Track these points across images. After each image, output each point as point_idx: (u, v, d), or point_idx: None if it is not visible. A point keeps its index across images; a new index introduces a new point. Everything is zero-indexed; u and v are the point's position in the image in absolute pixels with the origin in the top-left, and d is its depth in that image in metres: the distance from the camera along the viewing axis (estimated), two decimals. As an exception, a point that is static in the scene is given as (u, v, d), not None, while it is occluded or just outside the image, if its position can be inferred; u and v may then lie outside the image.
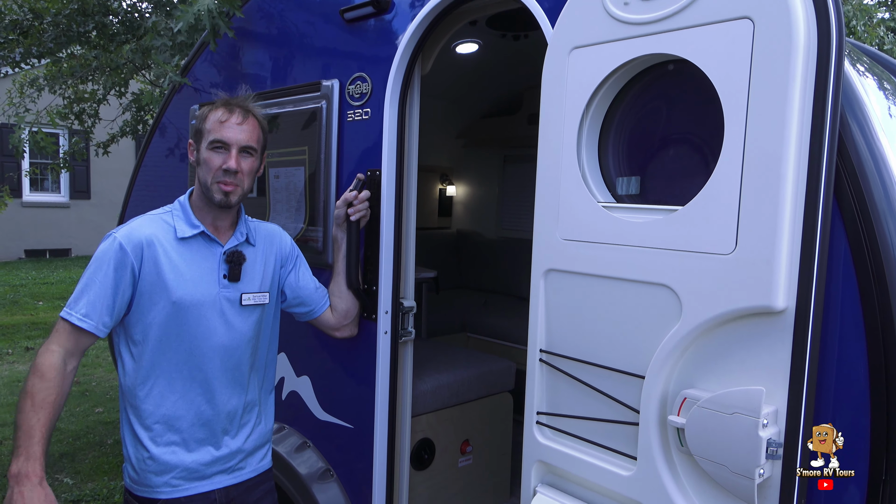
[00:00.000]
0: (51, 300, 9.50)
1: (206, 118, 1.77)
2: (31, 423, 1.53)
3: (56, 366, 1.60)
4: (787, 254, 1.22)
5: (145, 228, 1.72)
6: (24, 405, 1.55)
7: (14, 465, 1.51)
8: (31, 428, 1.53)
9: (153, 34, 3.44)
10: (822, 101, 1.19)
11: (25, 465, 1.51)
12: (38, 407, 1.55)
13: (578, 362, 1.56)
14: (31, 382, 1.57)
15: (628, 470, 1.46)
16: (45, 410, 1.55)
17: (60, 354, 1.62)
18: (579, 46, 1.54)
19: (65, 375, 1.61)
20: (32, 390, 1.56)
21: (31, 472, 1.51)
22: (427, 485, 2.66)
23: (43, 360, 1.59)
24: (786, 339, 1.23)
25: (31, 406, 1.55)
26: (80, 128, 5.89)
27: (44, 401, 1.56)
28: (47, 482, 1.56)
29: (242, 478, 1.86)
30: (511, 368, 3.02)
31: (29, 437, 1.52)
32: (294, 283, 1.98)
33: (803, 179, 1.21)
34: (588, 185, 1.54)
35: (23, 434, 1.53)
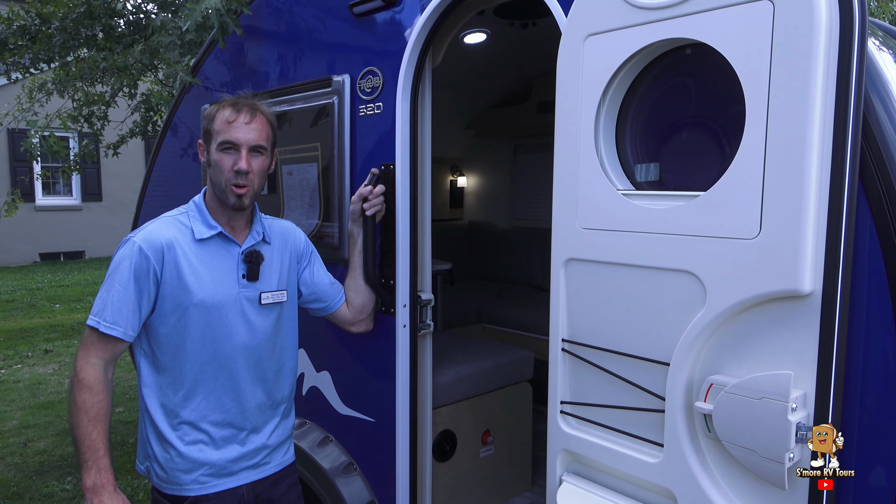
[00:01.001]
0: (67, 302, 9.60)
1: (213, 118, 1.75)
2: (94, 438, 1.61)
3: (101, 378, 1.66)
4: (813, 237, 1.21)
5: (164, 231, 1.72)
6: (81, 421, 1.62)
7: (87, 478, 1.60)
8: (94, 441, 1.61)
9: (161, 33, 3.44)
10: (845, 81, 1.18)
11: (98, 476, 1.61)
12: (95, 420, 1.62)
13: (602, 351, 1.56)
14: (82, 398, 1.62)
15: (655, 457, 1.46)
16: (102, 423, 1.63)
17: (101, 366, 1.66)
18: (595, 33, 1.53)
19: (109, 385, 1.68)
20: (85, 406, 1.62)
21: (105, 482, 1.61)
22: (449, 476, 2.67)
23: (87, 374, 1.64)
24: (813, 323, 1.22)
25: (89, 421, 1.62)
26: (90, 130, 5.92)
27: (98, 413, 1.63)
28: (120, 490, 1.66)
29: (268, 472, 1.88)
30: (529, 358, 3.03)
31: (94, 450, 1.61)
32: (309, 280, 1.99)
33: (828, 161, 1.20)
34: (607, 174, 1.53)
35: (87, 448, 1.61)
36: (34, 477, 4.09)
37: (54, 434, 4.79)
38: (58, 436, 4.75)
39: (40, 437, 4.75)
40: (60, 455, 4.42)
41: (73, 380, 1.66)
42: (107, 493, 1.61)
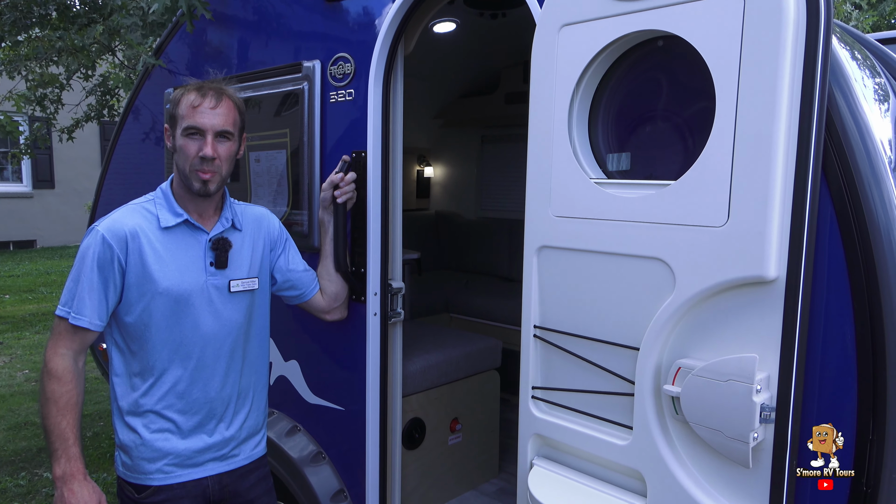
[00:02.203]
0: (18, 293, 9.25)
1: (178, 102, 1.71)
2: (63, 427, 1.61)
3: (70, 368, 1.65)
4: (778, 225, 1.25)
5: (128, 220, 1.69)
6: (50, 411, 1.62)
7: (57, 467, 1.60)
8: (63, 431, 1.61)
9: (122, 13, 3.33)
10: (811, 75, 1.22)
11: (68, 465, 1.61)
12: (64, 410, 1.62)
13: (573, 337, 1.59)
14: (51, 388, 1.63)
15: (624, 439, 1.49)
16: (71, 412, 1.63)
17: (70, 356, 1.66)
18: (569, 24, 1.55)
19: (79, 374, 1.68)
20: (54, 395, 1.62)
21: (75, 471, 1.61)
22: (418, 463, 2.69)
23: (56, 364, 1.64)
24: (777, 308, 1.27)
25: (58, 410, 1.62)
26: (42, 114, 5.70)
27: (67, 403, 1.63)
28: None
29: (236, 465, 1.85)
30: (497, 347, 3.06)
31: (63, 440, 1.61)
32: (284, 267, 1.97)
33: (793, 153, 1.24)
34: (580, 162, 1.56)
35: (56, 438, 1.61)
36: (-15, 472, 3.95)
37: (6, 428, 4.62)
38: (9, 430, 4.59)
39: (-9, 431, 4.58)
40: (13, 450, 4.28)
41: (42, 370, 1.66)
42: (76, 482, 1.61)
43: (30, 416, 4.83)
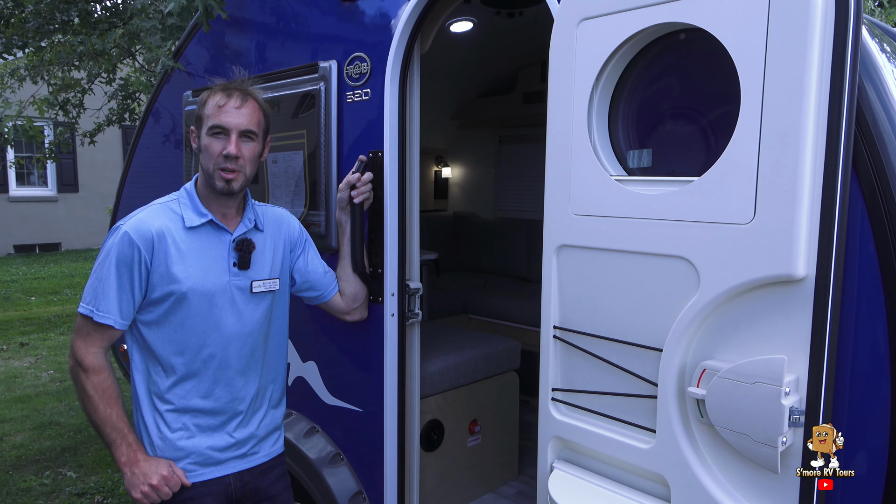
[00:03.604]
0: (43, 295, 9.41)
1: (205, 103, 1.74)
2: (114, 418, 1.67)
3: (105, 364, 1.70)
4: (807, 222, 1.21)
5: (154, 219, 1.70)
6: (97, 405, 1.66)
7: (120, 455, 1.68)
8: (116, 422, 1.67)
9: (142, 17, 3.36)
10: (840, 66, 1.18)
11: (130, 451, 1.68)
12: (111, 401, 1.68)
13: (593, 337, 1.56)
14: (93, 382, 1.67)
15: (647, 443, 1.46)
16: (117, 402, 1.69)
17: (101, 354, 1.70)
18: (588, 18, 1.52)
19: (111, 368, 1.72)
20: (99, 389, 1.67)
21: (138, 453, 1.69)
22: (437, 465, 2.67)
23: (92, 361, 1.67)
24: (806, 307, 1.23)
25: (105, 403, 1.67)
26: (65, 118, 5.79)
27: (112, 394, 1.68)
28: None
29: (256, 462, 1.86)
30: (516, 348, 3.03)
31: (118, 429, 1.68)
32: (303, 268, 1.96)
33: (822, 147, 1.20)
34: (600, 159, 1.53)
35: (112, 429, 1.67)
36: (11, 472, 4.01)
37: (31, 428, 4.69)
38: (35, 430, 4.66)
39: (17, 430, 4.65)
40: (38, 449, 4.34)
41: (76, 369, 1.68)
42: (142, 462, 1.68)
43: (54, 417, 4.90)
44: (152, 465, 1.68)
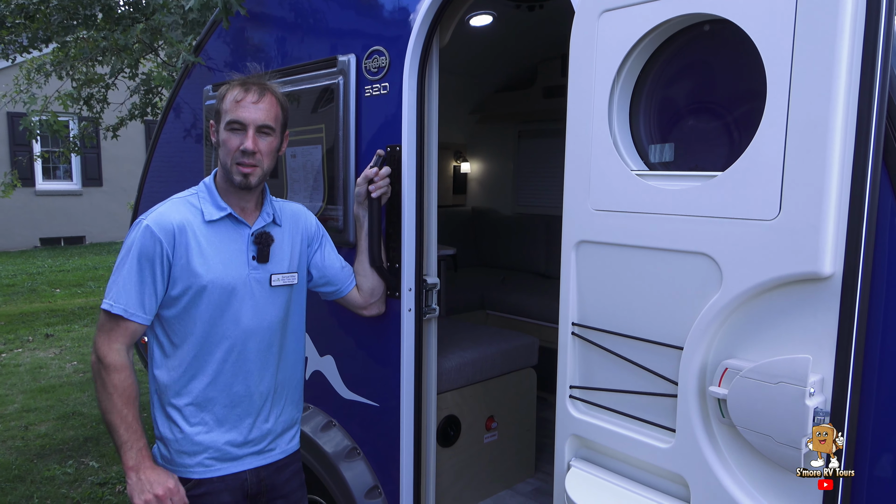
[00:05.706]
0: (68, 287, 9.58)
1: (223, 98, 1.75)
2: (130, 419, 1.65)
3: (126, 362, 1.68)
4: (834, 218, 1.18)
5: (174, 213, 1.71)
6: (115, 403, 1.64)
7: (129, 458, 1.65)
8: (131, 423, 1.65)
9: (163, 12, 3.39)
10: (871, 58, 1.14)
11: (139, 456, 1.65)
12: (128, 401, 1.66)
13: (612, 335, 1.54)
14: (113, 380, 1.64)
15: (666, 442, 1.44)
16: (134, 403, 1.67)
17: (123, 350, 1.68)
18: (610, 9, 1.49)
19: (132, 367, 1.70)
20: (118, 387, 1.64)
21: (146, 459, 1.67)
22: (453, 461, 2.66)
23: (114, 358, 1.65)
24: (832, 306, 1.20)
25: (123, 402, 1.65)
26: (89, 113, 5.87)
27: (131, 394, 1.67)
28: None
29: (272, 458, 1.86)
30: (534, 344, 3.01)
31: (132, 431, 1.65)
32: (320, 263, 1.97)
33: (851, 141, 1.17)
34: (620, 154, 1.50)
35: (126, 430, 1.65)
36: (35, 460, 4.09)
37: (55, 418, 4.78)
38: (58, 419, 4.75)
39: (41, 420, 4.74)
40: (61, 439, 4.42)
41: (98, 365, 1.66)
42: (148, 469, 1.66)
43: (78, 407, 4.99)
44: (160, 476, 1.66)
